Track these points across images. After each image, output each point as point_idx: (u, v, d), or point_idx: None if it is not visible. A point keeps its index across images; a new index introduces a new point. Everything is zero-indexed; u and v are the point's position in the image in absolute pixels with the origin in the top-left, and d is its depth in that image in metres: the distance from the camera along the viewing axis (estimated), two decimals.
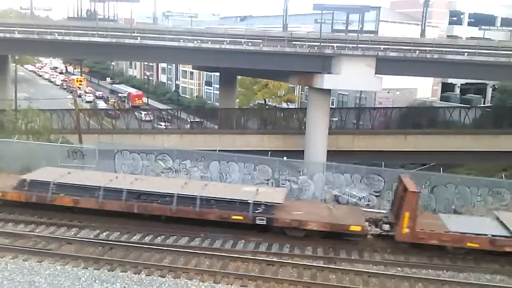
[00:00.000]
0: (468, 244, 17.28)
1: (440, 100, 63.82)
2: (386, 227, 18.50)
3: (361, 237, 18.18)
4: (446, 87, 67.79)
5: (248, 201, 18.39)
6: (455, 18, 70.56)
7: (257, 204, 18.32)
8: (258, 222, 18.13)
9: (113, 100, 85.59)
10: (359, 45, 37.88)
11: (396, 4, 69.85)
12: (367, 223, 18.57)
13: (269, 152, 25.98)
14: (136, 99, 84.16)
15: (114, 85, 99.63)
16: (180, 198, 18.78)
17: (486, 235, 17.31)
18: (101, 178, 20.34)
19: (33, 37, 38.13)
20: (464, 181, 23.81)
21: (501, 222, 18.25)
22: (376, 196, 23.92)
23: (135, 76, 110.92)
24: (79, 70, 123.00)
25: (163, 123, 52.41)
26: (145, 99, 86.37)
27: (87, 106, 76.50)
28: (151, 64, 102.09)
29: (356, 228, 17.73)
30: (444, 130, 45.54)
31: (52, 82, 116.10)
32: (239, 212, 18.36)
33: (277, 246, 17.81)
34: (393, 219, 18.42)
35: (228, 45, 38.17)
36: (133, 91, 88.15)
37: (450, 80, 65.31)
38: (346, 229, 17.86)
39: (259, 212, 18.24)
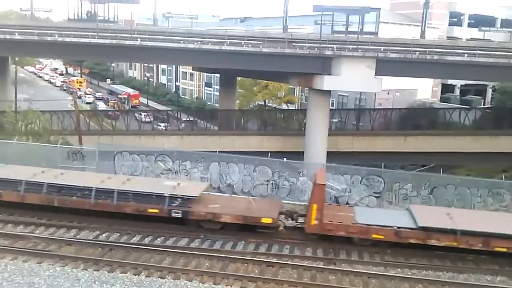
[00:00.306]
0: (374, 235, 17.56)
1: (440, 101, 63.86)
2: (301, 219, 18.95)
3: (272, 229, 18.63)
4: (446, 88, 67.82)
5: (164, 194, 18.85)
6: (455, 19, 70.65)
7: (173, 198, 18.83)
8: (173, 215, 18.67)
9: (113, 101, 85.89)
10: (359, 46, 37.90)
11: (396, 6, 69.93)
12: (283, 215, 19.24)
13: (269, 153, 25.95)
14: (133, 99, 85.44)
15: (112, 85, 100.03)
16: (99, 192, 19.28)
17: (391, 227, 17.50)
18: (25, 173, 20.76)
19: (33, 38, 38.18)
20: (464, 182, 23.78)
21: (412, 215, 18.44)
22: (376, 197, 23.90)
23: (135, 78, 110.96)
24: (79, 72, 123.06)
25: (162, 124, 52.50)
26: (145, 101, 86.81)
27: (87, 107, 76.54)
28: (151, 65, 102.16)
29: (267, 221, 18.27)
30: (444, 131, 45.58)
31: (52, 83, 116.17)
32: (156, 205, 18.84)
33: (277, 247, 17.81)
34: (306, 211, 18.76)
35: (228, 46, 38.20)
36: (130, 91, 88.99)
37: (450, 81, 65.36)
38: (258, 221, 18.40)
39: (175, 205, 18.73)
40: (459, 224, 17.32)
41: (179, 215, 18.66)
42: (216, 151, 26.97)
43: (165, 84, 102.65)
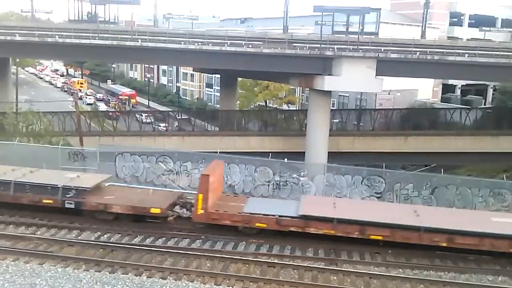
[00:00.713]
0: (257, 224, 18.13)
1: (441, 101, 63.86)
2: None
3: (161, 219, 19.14)
4: (447, 88, 67.80)
5: (58, 185, 19.53)
6: (456, 20, 70.65)
7: (66, 189, 19.54)
8: (67, 205, 19.47)
9: (114, 102, 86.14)
10: (359, 47, 37.93)
11: (397, 6, 69.90)
12: (178, 206, 19.90)
13: (270, 154, 25.96)
14: (130, 98, 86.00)
15: (110, 85, 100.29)
16: None
17: (273, 215, 18.03)
18: None
19: (34, 39, 38.23)
20: (465, 182, 23.73)
21: (298, 205, 18.80)
22: (377, 197, 23.89)
23: (135, 79, 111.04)
24: (80, 73, 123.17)
25: (162, 124, 52.61)
26: (144, 101, 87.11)
27: (88, 108, 76.63)
28: (151, 66, 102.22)
29: (155, 211, 18.91)
30: (445, 131, 45.59)
31: (53, 84, 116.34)
32: (50, 196, 19.51)
33: (278, 247, 17.82)
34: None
35: (229, 47, 38.24)
36: (126, 90, 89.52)
37: (450, 81, 65.33)
38: (147, 212, 18.98)
39: (68, 197, 19.44)
40: (337, 213, 17.85)
41: (72, 206, 19.40)
42: (217, 152, 26.96)
43: (165, 85, 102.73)
